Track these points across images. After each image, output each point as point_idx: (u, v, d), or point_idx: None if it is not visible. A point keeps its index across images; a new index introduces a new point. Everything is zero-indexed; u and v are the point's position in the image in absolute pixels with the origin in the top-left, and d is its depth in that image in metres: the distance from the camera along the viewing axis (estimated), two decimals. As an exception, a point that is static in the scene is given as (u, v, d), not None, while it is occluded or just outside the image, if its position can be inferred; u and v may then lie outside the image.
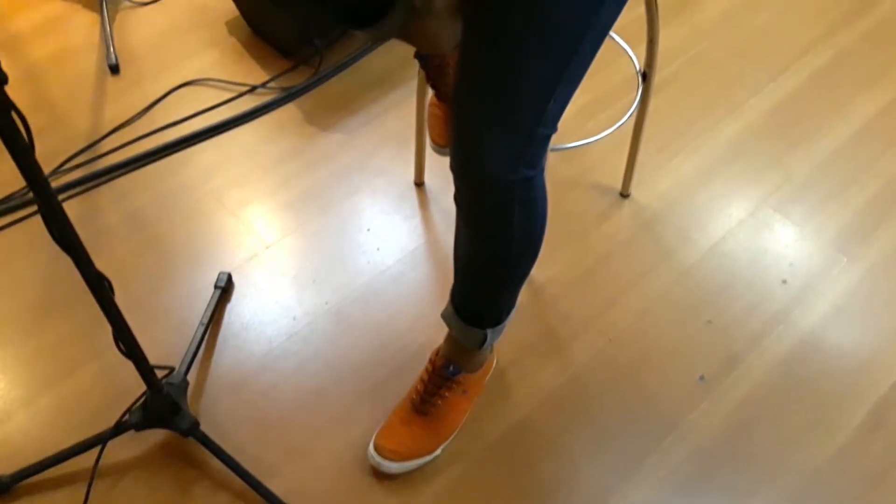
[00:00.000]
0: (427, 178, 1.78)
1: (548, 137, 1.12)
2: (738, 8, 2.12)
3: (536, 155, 1.12)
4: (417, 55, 1.35)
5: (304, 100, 1.93)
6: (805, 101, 1.91)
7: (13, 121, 0.88)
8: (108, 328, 1.11)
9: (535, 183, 1.15)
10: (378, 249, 1.65)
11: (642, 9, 1.40)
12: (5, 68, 0.82)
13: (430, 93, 1.56)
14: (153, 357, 1.22)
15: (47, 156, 1.78)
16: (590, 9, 1.01)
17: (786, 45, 2.03)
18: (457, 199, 1.18)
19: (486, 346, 1.30)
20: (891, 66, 1.99)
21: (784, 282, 1.60)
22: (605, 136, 1.67)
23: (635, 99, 1.58)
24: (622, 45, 1.70)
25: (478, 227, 1.19)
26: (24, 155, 0.91)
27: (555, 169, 1.76)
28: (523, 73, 1.03)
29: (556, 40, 1.01)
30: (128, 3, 2.14)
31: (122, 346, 1.17)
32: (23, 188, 1.72)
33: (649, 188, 1.76)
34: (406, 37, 1.29)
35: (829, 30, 2.07)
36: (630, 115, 1.62)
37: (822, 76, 1.97)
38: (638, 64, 1.64)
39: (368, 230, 1.69)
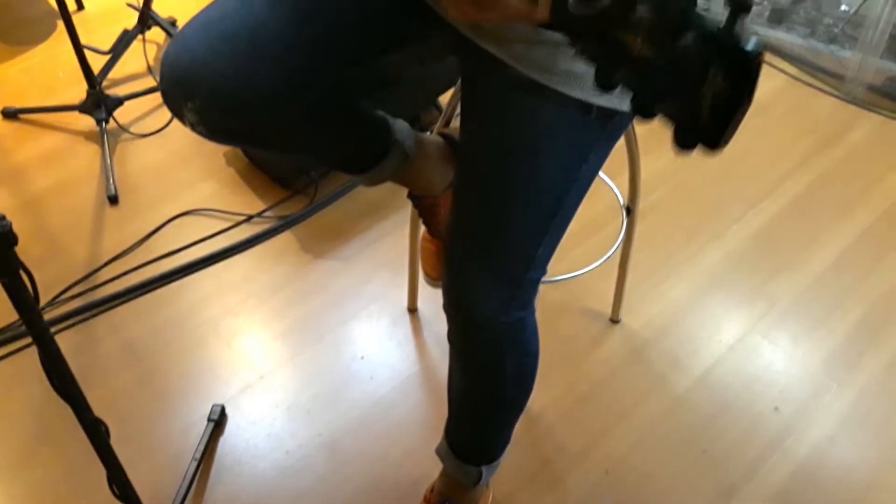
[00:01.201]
0: (420, 304, 1.81)
1: (537, 280, 1.15)
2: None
3: (527, 297, 1.16)
4: (410, 195, 1.40)
5: (299, 228, 1.98)
6: (785, 229, 1.98)
7: (21, 280, 0.91)
8: (101, 466, 1.10)
9: (526, 323, 1.18)
10: (371, 378, 1.66)
11: (621, 141, 1.47)
12: (7, 199, 0.85)
13: (422, 227, 1.61)
14: (146, 494, 1.20)
15: (45, 286, 1.79)
16: (574, 164, 1.07)
17: (763, 173, 2.11)
18: (450, 337, 1.20)
19: (481, 483, 1.30)
20: (864, 192, 2.07)
21: (776, 409, 1.61)
22: (593, 268, 1.71)
23: (620, 228, 1.64)
24: (603, 177, 1.77)
25: (471, 366, 1.21)
26: (29, 310, 0.93)
27: (545, 295, 1.79)
28: (512, 223, 1.07)
29: (543, 194, 1.07)
30: (128, 135, 2.21)
31: (115, 489, 1.16)
32: (16, 321, 1.73)
33: (639, 314, 1.79)
34: (400, 180, 1.34)
35: (804, 157, 2.16)
36: (616, 248, 1.67)
37: (799, 203, 2.04)
38: (621, 198, 1.70)
39: (362, 358, 1.70)
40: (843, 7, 2.67)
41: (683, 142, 0.55)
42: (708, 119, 0.54)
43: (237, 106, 1.06)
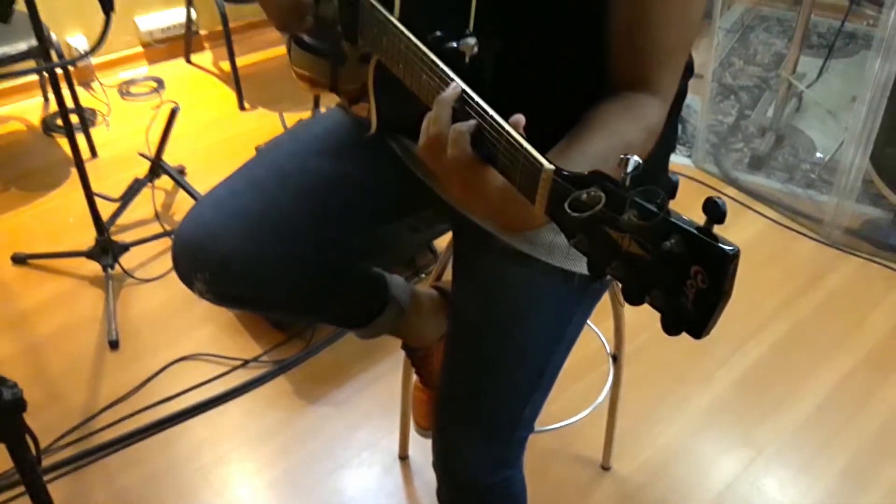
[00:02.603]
0: (412, 451, 1.83)
1: (525, 438, 1.19)
2: (701, 281, 2.29)
3: (514, 455, 1.19)
4: (404, 346, 1.46)
5: (294, 371, 2.02)
6: (769, 372, 2.02)
7: (26, 442, 0.95)
8: None
9: (513, 480, 1.21)
10: (362, 528, 1.67)
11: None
12: (10, 344, 0.90)
13: (415, 376, 1.66)
14: None
15: (41, 432, 1.80)
16: (559, 327, 1.13)
17: (747, 317, 2.17)
18: (439, 496, 1.23)
19: None
20: (845, 336, 2.12)
21: (766, 560, 1.60)
22: (582, 417, 1.75)
23: (608, 374, 1.68)
24: (589, 324, 1.83)
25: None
26: (30, 470, 0.98)
27: (534, 443, 1.79)
28: (499, 386, 1.13)
29: (530, 357, 1.12)
30: (132, 280, 2.28)
31: None
32: (9, 469, 1.75)
33: (629, 460, 1.81)
34: (395, 332, 1.40)
35: (787, 300, 2.22)
36: (605, 396, 1.71)
37: (783, 346, 2.09)
38: (608, 346, 1.75)
39: (353, 507, 1.71)
40: (819, 154, 2.81)
41: (669, 329, 0.60)
42: (691, 311, 0.60)
43: (245, 279, 1.14)
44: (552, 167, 0.67)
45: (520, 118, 0.73)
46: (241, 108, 3.12)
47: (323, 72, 1.19)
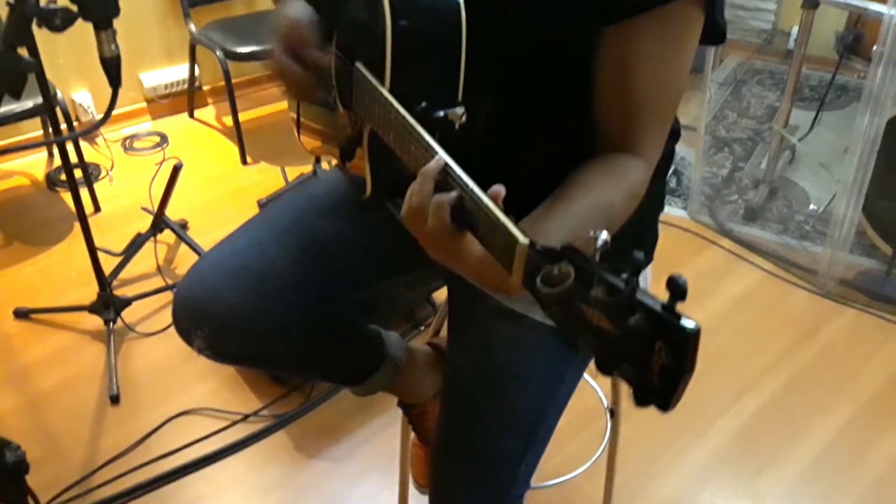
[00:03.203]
0: (410, 506, 1.83)
1: (521, 496, 1.20)
2: (698, 333, 2.30)
3: (512, 512, 1.20)
4: (400, 403, 1.47)
5: (293, 426, 2.03)
6: (768, 424, 2.02)
7: (28, 502, 0.97)
8: None
9: (511, 538, 1.21)
10: (361, 585, 1.66)
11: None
12: (11, 400, 0.92)
13: (413, 433, 1.67)
14: None
15: (40, 489, 1.81)
16: (553, 385, 1.15)
17: (744, 369, 2.18)
18: (436, 554, 1.23)
19: None
20: (843, 386, 2.13)
21: None
22: (581, 472, 1.75)
23: (605, 430, 1.69)
24: (586, 377, 1.84)
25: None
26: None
27: (533, 497, 1.81)
28: (494, 443, 1.14)
29: (524, 414, 1.14)
30: (133, 334, 2.30)
31: None
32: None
33: (627, 514, 1.81)
34: (390, 389, 1.42)
35: (783, 352, 2.24)
36: (603, 450, 1.72)
37: (780, 398, 2.10)
38: (605, 399, 1.76)
39: (352, 564, 1.70)
40: (812, 206, 2.85)
41: (639, 401, 0.63)
42: (657, 385, 0.62)
43: (244, 337, 1.16)
44: (526, 241, 0.71)
45: (499, 189, 0.77)
46: (244, 162, 3.17)
47: (325, 121, 1.23)
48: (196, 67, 3.38)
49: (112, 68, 1.08)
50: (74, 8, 0.97)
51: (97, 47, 1.04)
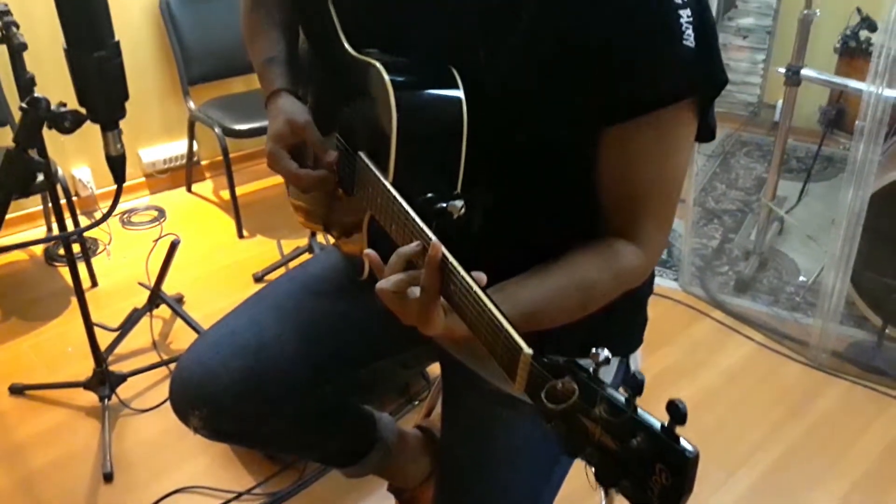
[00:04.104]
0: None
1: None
2: (690, 408, 2.30)
3: None
4: (390, 488, 1.48)
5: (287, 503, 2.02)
6: (763, 499, 2.02)
7: None
8: None
9: None
10: None
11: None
12: (5, 476, 0.91)
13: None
14: None
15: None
16: (547, 467, 1.16)
17: (737, 444, 2.18)
18: None
19: None
20: (838, 460, 2.13)
21: None
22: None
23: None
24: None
25: None
26: None
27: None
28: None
29: (517, 497, 1.15)
30: (128, 410, 2.30)
31: None
32: None
33: None
34: (380, 473, 1.43)
35: (777, 426, 2.24)
36: (596, 527, 1.71)
37: (775, 472, 2.09)
38: (599, 476, 1.76)
39: None
40: (802, 277, 2.89)
41: None
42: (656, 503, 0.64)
43: (240, 417, 1.18)
44: (530, 352, 0.73)
45: (482, 277, 0.80)
46: (240, 235, 3.21)
47: (317, 203, 1.27)
48: (195, 143, 3.45)
49: (117, 166, 1.12)
50: (83, 111, 1.02)
51: (103, 146, 1.08)
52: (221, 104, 3.27)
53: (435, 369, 2.22)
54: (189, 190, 3.56)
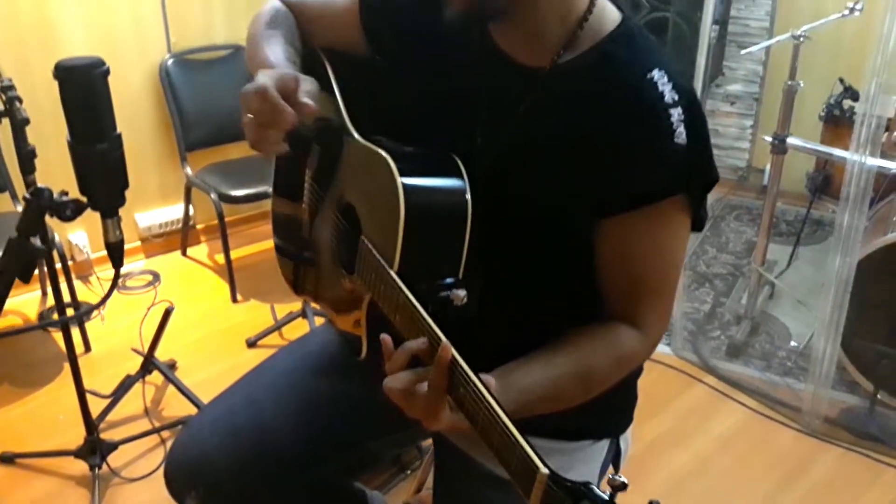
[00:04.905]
0: None
1: None
2: (684, 476, 2.30)
3: None
4: None
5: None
6: (759, 570, 2.00)
7: None
8: None
9: None
10: None
11: None
12: None
13: None
14: None
15: None
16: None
17: (733, 511, 2.18)
18: None
19: None
20: (834, 530, 2.12)
21: None
22: None
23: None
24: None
25: None
26: None
27: None
28: None
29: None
30: (119, 479, 2.28)
31: None
32: None
33: None
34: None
35: (770, 493, 2.23)
36: None
37: (771, 543, 2.08)
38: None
39: None
40: (793, 342, 2.90)
41: None
42: None
43: (237, 497, 1.18)
44: (546, 472, 0.73)
45: (490, 381, 0.82)
46: (234, 300, 3.22)
47: (300, 275, 1.29)
48: (191, 207, 3.48)
49: (115, 252, 1.14)
50: (84, 199, 1.04)
51: (102, 232, 1.11)
52: (218, 170, 3.31)
53: (428, 440, 2.22)
54: (184, 254, 3.58)
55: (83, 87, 1.03)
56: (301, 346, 1.35)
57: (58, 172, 2.31)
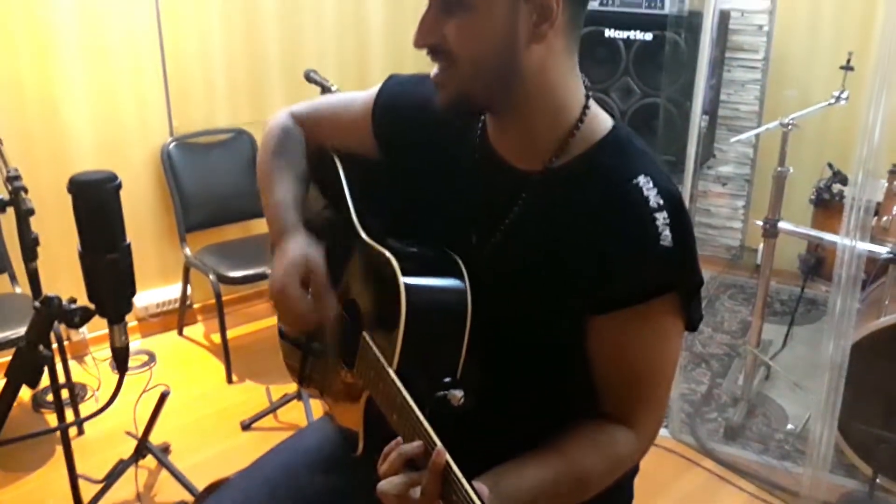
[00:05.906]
0: None
1: None
2: None
3: None
4: None
5: None
6: None
7: None
8: None
9: None
10: None
11: None
12: None
13: None
14: None
15: None
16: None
17: None
18: None
19: None
20: None
21: None
22: None
23: None
24: None
25: None
26: None
27: None
28: None
29: None
30: (108, 568, 2.24)
31: None
32: None
33: None
34: None
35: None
36: None
37: None
38: None
39: None
40: (790, 425, 2.89)
41: None
42: None
43: None
44: None
45: (483, 489, 0.82)
46: (229, 381, 3.21)
47: (293, 358, 1.30)
48: (188, 287, 3.50)
49: (121, 357, 1.16)
50: (92, 307, 1.07)
51: (109, 339, 1.13)
52: (216, 251, 3.34)
53: None
54: (180, 333, 3.58)
55: (96, 201, 1.08)
56: (299, 441, 1.36)
57: (59, 263, 2.34)
